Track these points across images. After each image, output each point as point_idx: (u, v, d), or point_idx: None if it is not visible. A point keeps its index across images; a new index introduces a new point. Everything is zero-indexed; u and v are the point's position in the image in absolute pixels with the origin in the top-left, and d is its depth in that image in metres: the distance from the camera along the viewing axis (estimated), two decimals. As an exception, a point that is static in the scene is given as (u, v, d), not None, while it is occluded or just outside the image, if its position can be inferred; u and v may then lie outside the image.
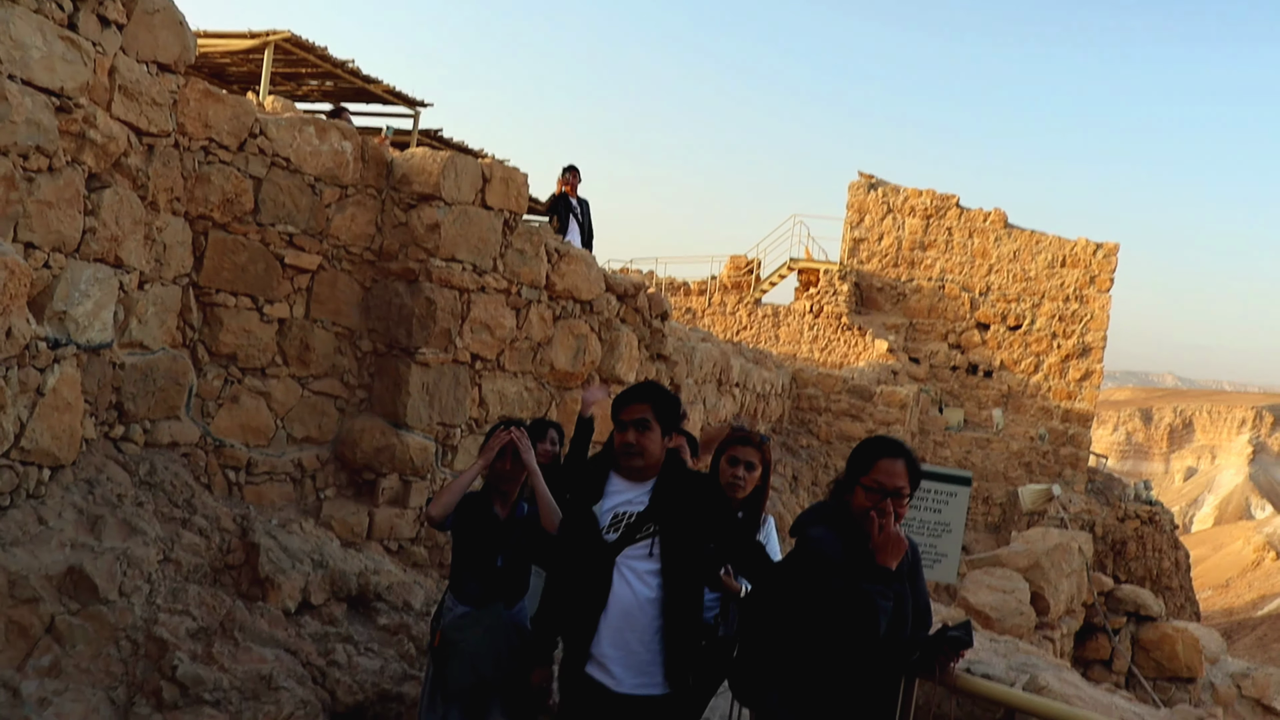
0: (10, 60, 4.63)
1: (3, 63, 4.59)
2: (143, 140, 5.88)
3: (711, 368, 16.65)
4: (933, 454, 25.31)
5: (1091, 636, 8.19)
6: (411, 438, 7.67)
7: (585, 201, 12.08)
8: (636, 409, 3.69)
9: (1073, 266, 27.34)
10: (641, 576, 3.67)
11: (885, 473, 3.37)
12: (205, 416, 6.90)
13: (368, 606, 6.56)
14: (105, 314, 5.67)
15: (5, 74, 4.61)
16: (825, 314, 28.27)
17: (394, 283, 7.70)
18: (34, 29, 4.75)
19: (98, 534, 5.32)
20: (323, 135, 7.28)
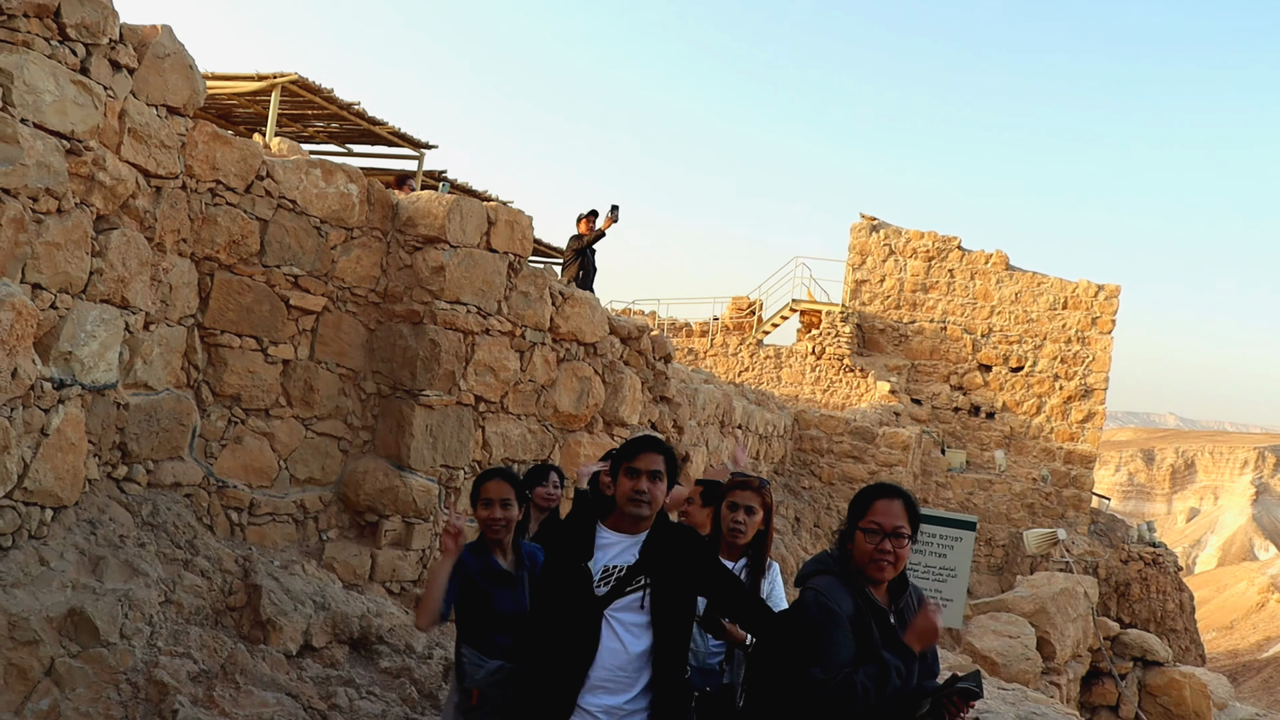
0: (23, 105, 4.67)
1: (15, 107, 4.64)
2: (151, 182, 5.92)
3: (714, 409, 16.65)
4: (935, 495, 25.24)
5: (1098, 681, 8.11)
6: (414, 479, 7.66)
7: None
8: (653, 459, 3.67)
9: (1074, 308, 27.39)
10: (630, 629, 3.66)
11: (883, 513, 3.37)
12: (208, 457, 6.89)
13: (370, 649, 6.53)
14: (111, 354, 5.69)
15: (18, 118, 4.66)
16: (827, 355, 28.29)
17: (399, 325, 7.72)
18: (47, 74, 4.79)
19: (99, 575, 5.30)
20: (329, 177, 7.33)
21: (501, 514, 4.33)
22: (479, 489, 4.38)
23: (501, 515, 4.32)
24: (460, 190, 17.13)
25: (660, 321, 32.58)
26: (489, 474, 4.43)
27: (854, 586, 3.33)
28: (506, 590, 4.28)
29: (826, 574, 3.39)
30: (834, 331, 28.49)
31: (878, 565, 3.33)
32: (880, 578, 3.36)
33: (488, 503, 4.32)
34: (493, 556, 4.35)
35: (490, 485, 4.35)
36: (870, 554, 3.32)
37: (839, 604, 3.27)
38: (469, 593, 4.24)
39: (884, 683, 3.20)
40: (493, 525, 4.33)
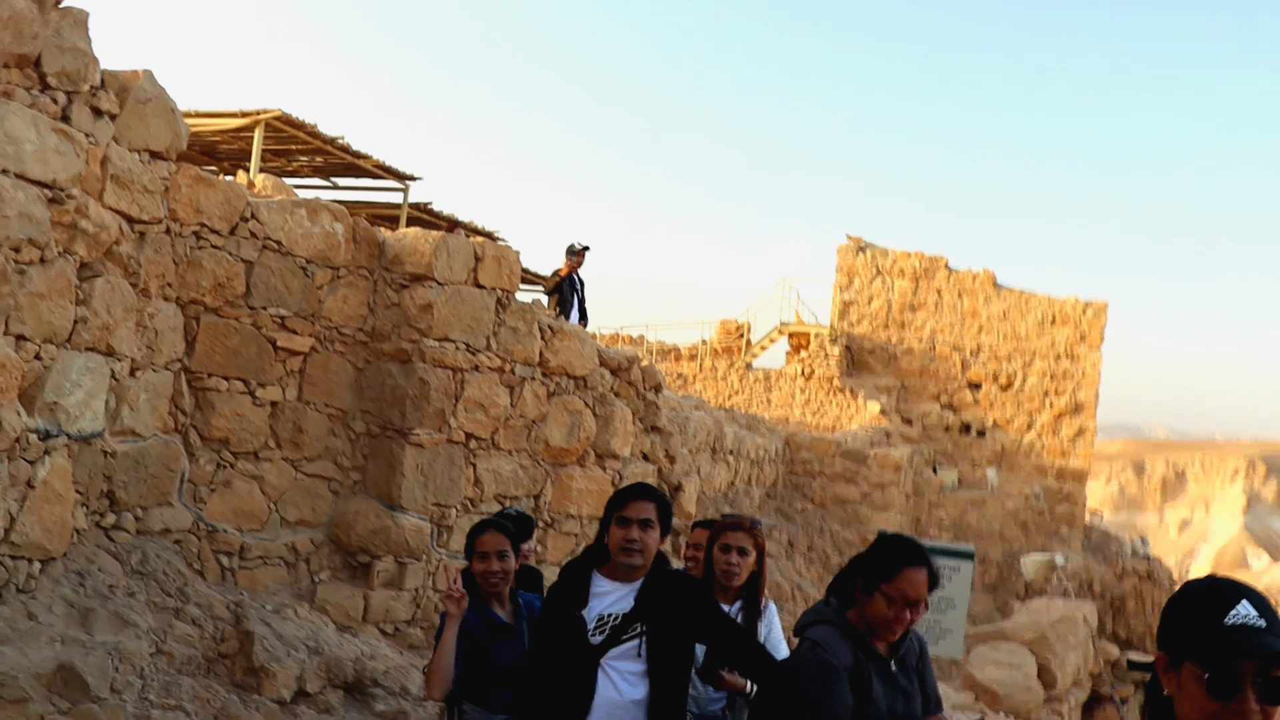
0: (4, 156, 4.64)
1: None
2: (134, 228, 5.89)
3: (705, 436, 16.62)
4: (928, 515, 25.20)
5: (1099, 707, 8.06)
6: (406, 519, 7.60)
7: (582, 280, 12.18)
8: (644, 507, 3.64)
9: (1063, 325, 27.45)
10: (627, 677, 3.62)
11: (910, 583, 3.26)
12: (198, 502, 6.83)
13: (364, 693, 6.46)
14: (96, 403, 5.63)
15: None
16: (817, 377, 28.29)
17: (387, 363, 7.68)
18: (28, 124, 4.77)
19: (89, 628, 5.23)
20: (314, 217, 7.30)
21: (499, 566, 4.25)
22: (473, 542, 4.31)
23: (499, 568, 4.25)
24: (476, 231, 17.12)
25: (648, 345, 32.57)
26: (482, 526, 4.36)
27: (854, 637, 3.28)
28: (507, 643, 4.20)
29: (825, 624, 3.33)
30: (823, 353, 28.50)
31: (891, 630, 3.28)
32: (891, 640, 3.31)
33: (484, 555, 4.25)
34: (491, 609, 4.27)
35: (486, 538, 4.28)
36: (888, 619, 3.26)
37: (837, 656, 3.21)
38: (470, 648, 4.15)
39: None
40: (490, 578, 4.25)
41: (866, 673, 3.23)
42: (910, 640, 3.42)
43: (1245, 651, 1.88)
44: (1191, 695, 1.93)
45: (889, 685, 3.28)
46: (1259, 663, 1.87)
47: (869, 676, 3.23)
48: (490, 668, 4.13)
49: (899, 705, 3.28)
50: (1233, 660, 1.87)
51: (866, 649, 3.27)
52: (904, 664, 3.36)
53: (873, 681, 3.23)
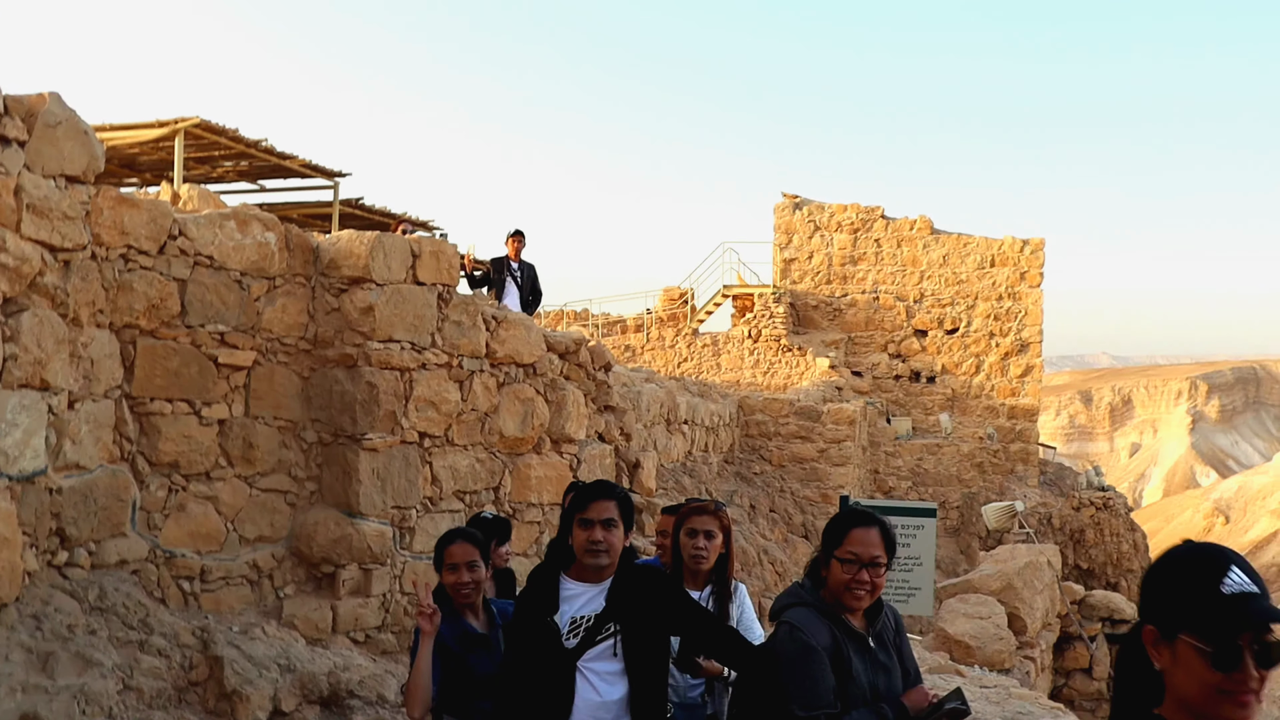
0: (-89, 199, 4.47)
1: (-96, 204, 4.43)
2: (58, 257, 5.71)
3: (659, 409, 16.62)
4: (885, 464, 25.46)
5: (1069, 646, 8.19)
6: (367, 525, 7.51)
7: (530, 265, 12.09)
8: (605, 506, 3.61)
9: (1002, 265, 27.76)
10: (605, 677, 3.61)
11: (859, 542, 3.32)
12: (152, 529, 6.69)
13: (341, 705, 6.40)
14: (36, 440, 5.48)
15: (-93, 214, 4.45)
16: (764, 338, 28.41)
17: (333, 370, 7.56)
18: (-67, 163, 4.59)
19: (50, 672, 5.11)
20: (244, 228, 7.14)
21: (469, 577, 4.20)
22: (442, 553, 4.25)
23: (469, 578, 4.20)
24: (419, 225, 16.94)
25: (593, 319, 32.52)
26: (450, 537, 4.31)
27: (830, 616, 3.29)
28: (483, 653, 4.16)
29: (801, 605, 3.34)
30: (768, 313, 28.62)
31: (854, 595, 3.29)
32: (857, 606, 3.32)
33: (453, 568, 4.19)
34: (465, 621, 4.22)
35: (455, 550, 4.22)
36: (847, 584, 3.28)
37: (815, 637, 3.22)
38: (446, 661, 4.10)
39: None
40: (462, 590, 4.20)
41: (845, 651, 3.24)
42: (886, 615, 3.44)
43: (1248, 621, 1.87)
44: (1191, 668, 1.91)
45: (869, 661, 3.29)
46: (1254, 630, 1.87)
47: (848, 655, 3.24)
48: (468, 680, 4.08)
49: (880, 681, 3.30)
50: (1237, 632, 1.87)
51: (844, 627, 3.28)
52: (882, 640, 3.38)
53: (852, 659, 3.24)
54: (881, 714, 3.18)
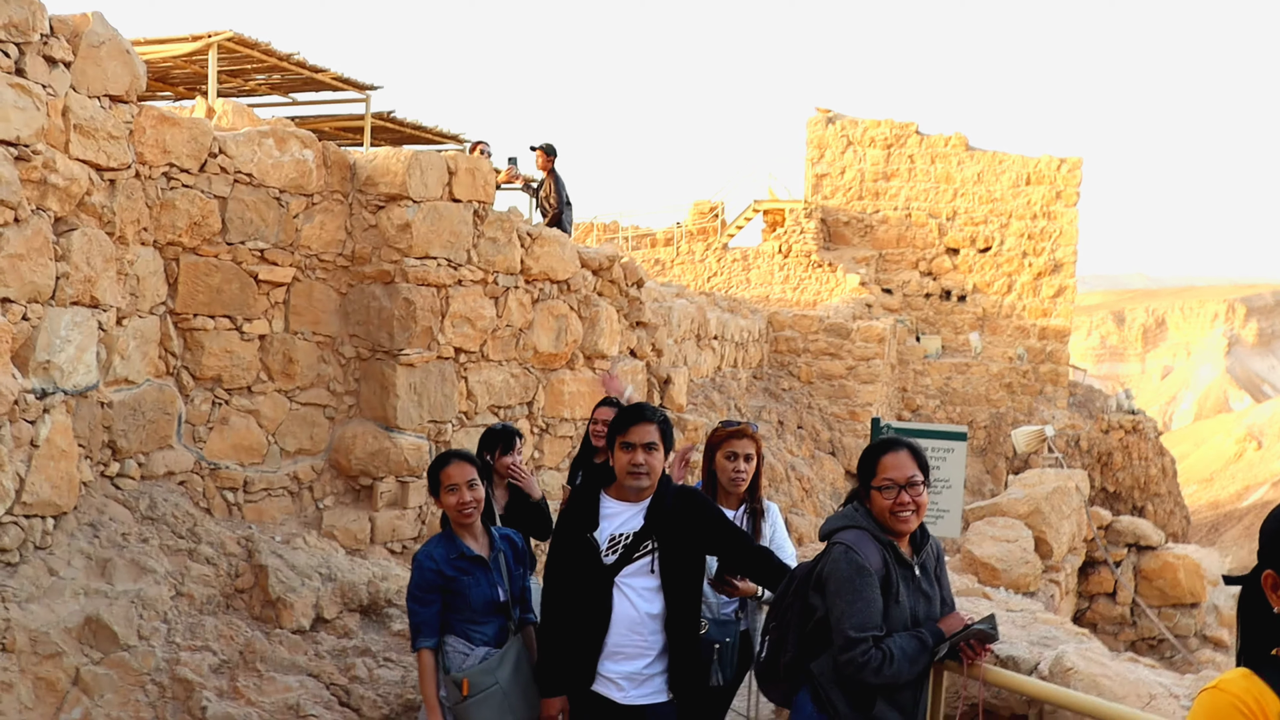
0: (-34, 120, 4.56)
1: (-41, 126, 4.52)
2: (104, 176, 5.81)
3: (689, 325, 16.70)
4: (913, 383, 25.51)
5: (1094, 570, 8.33)
6: (404, 439, 7.68)
7: (553, 176, 12.10)
8: (646, 430, 3.71)
9: (1038, 184, 27.42)
10: (642, 593, 3.74)
11: (892, 467, 3.41)
12: (197, 442, 6.88)
13: (380, 614, 6.61)
14: (88, 356, 5.64)
15: (-37, 136, 4.55)
16: (794, 253, 28.33)
17: (370, 286, 7.67)
18: (-15, 84, 4.67)
19: (109, 578, 5.33)
20: (283, 146, 7.20)
21: (470, 496, 4.17)
22: (439, 475, 4.21)
23: (471, 498, 4.17)
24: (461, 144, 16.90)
25: (623, 233, 32.48)
26: (446, 458, 4.26)
27: (882, 541, 3.40)
28: (481, 575, 4.15)
29: (855, 528, 3.45)
30: (799, 228, 28.50)
31: (899, 518, 3.39)
32: (905, 529, 3.42)
33: (453, 488, 4.16)
34: (462, 543, 4.19)
35: (452, 470, 4.19)
36: (890, 509, 3.38)
37: (868, 559, 3.34)
38: (444, 586, 4.11)
39: (916, 660, 3.29)
40: (464, 510, 4.17)
41: (894, 576, 3.36)
42: (930, 545, 3.55)
43: None
44: None
45: (913, 588, 3.41)
46: None
47: (896, 580, 3.36)
48: (466, 604, 4.10)
49: (921, 607, 3.42)
50: None
51: (894, 553, 3.39)
52: (925, 568, 3.49)
53: (899, 586, 3.36)
54: (922, 639, 3.30)
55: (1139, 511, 18.69)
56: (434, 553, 4.14)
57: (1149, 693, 3.18)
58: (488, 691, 3.99)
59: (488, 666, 4.03)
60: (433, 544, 4.20)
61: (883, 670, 3.25)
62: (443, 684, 4.13)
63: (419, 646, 4.12)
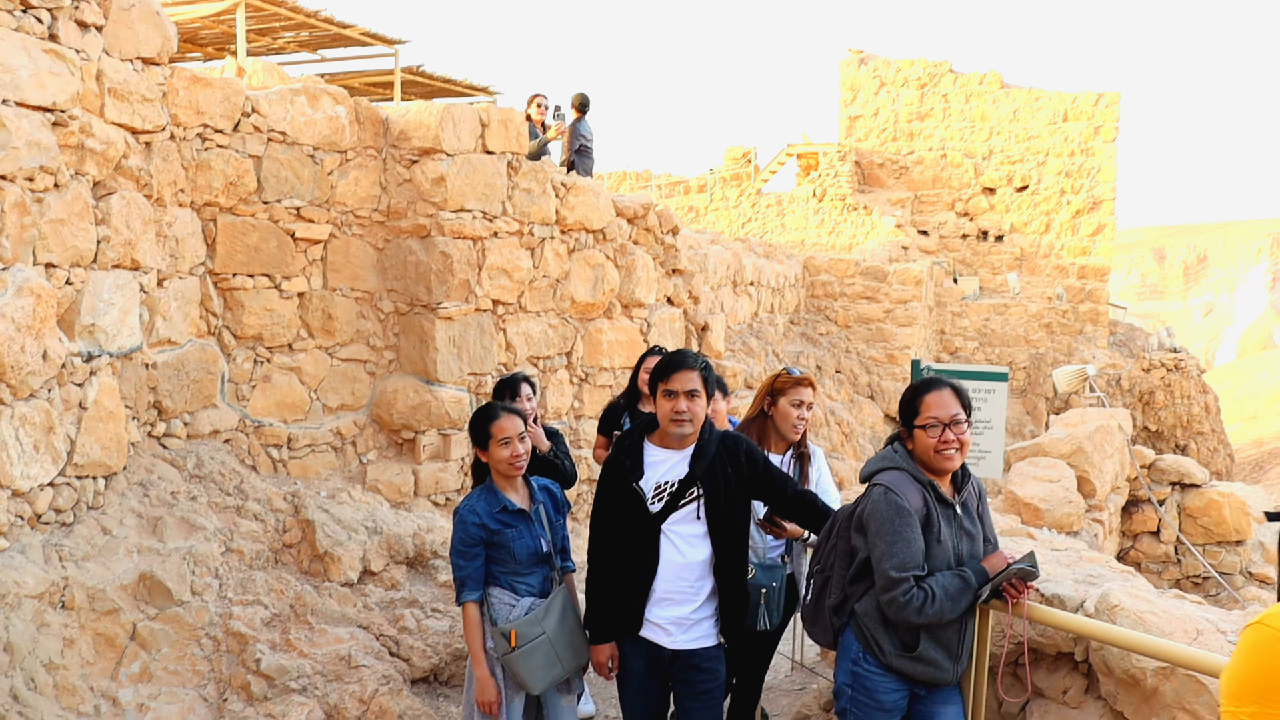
0: (2, 85, 4.58)
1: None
2: (139, 139, 5.84)
3: (725, 271, 16.64)
4: (951, 325, 25.32)
5: (1137, 509, 8.28)
6: (444, 392, 7.73)
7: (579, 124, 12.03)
8: (688, 377, 3.70)
9: (1075, 120, 26.94)
10: (689, 540, 3.75)
11: (935, 406, 3.40)
12: (240, 400, 6.96)
13: (426, 565, 6.69)
14: (131, 318, 5.70)
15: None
16: (829, 197, 28.10)
17: (407, 241, 7.69)
18: (17, 48, 4.68)
19: (160, 536, 5.42)
20: (314, 103, 7.20)
21: (523, 449, 4.16)
22: (490, 428, 4.17)
23: (524, 450, 4.16)
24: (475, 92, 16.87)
25: (655, 180, 32.34)
26: (494, 412, 4.22)
27: (922, 481, 3.40)
28: (524, 527, 4.16)
29: (894, 469, 3.45)
30: (833, 171, 28.25)
31: (944, 456, 3.38)
32: (948, 467, 3.41)
33: (506, 441, 4.13)
34: (503, 495, 4.18)
35: (504, 423, 4.16)
36: (935, 447, 3.37)
37: (908, 499, 3.34)
38: (488, 539, 4.12)
39: (959, 599, 3.29)
40: (516, 463, 4.14)
41: (935, 516, 3.35)
42: (972, 484, 3.54)
43: None
44: None
45: (955, 527, 3.41)
46: None
47: (937, 520, 3.35)
48: (510, 556, 4.12)
49: (964, 546, 3.41)
50: None
51: (935, 493, 3.38)
52: (967, 507, 3.48)
53: (940, 525, 3.35)
54: (964, 578, 3.30)
55: (1182, 450, 18.50)
56: (476, 506, 4.15)
57: (1195, 628, 3.17)
58: (535, 641, 4.02)
59: (534, 617, 4.05)
60: (474, 498, 4.20)
61: (925, 609, 3.26)
62: (489, 635, 4.16)
63: (464, 600, 4.15)
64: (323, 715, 5.03)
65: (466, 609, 4.13)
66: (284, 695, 4.93)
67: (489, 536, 4.10)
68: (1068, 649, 3.63)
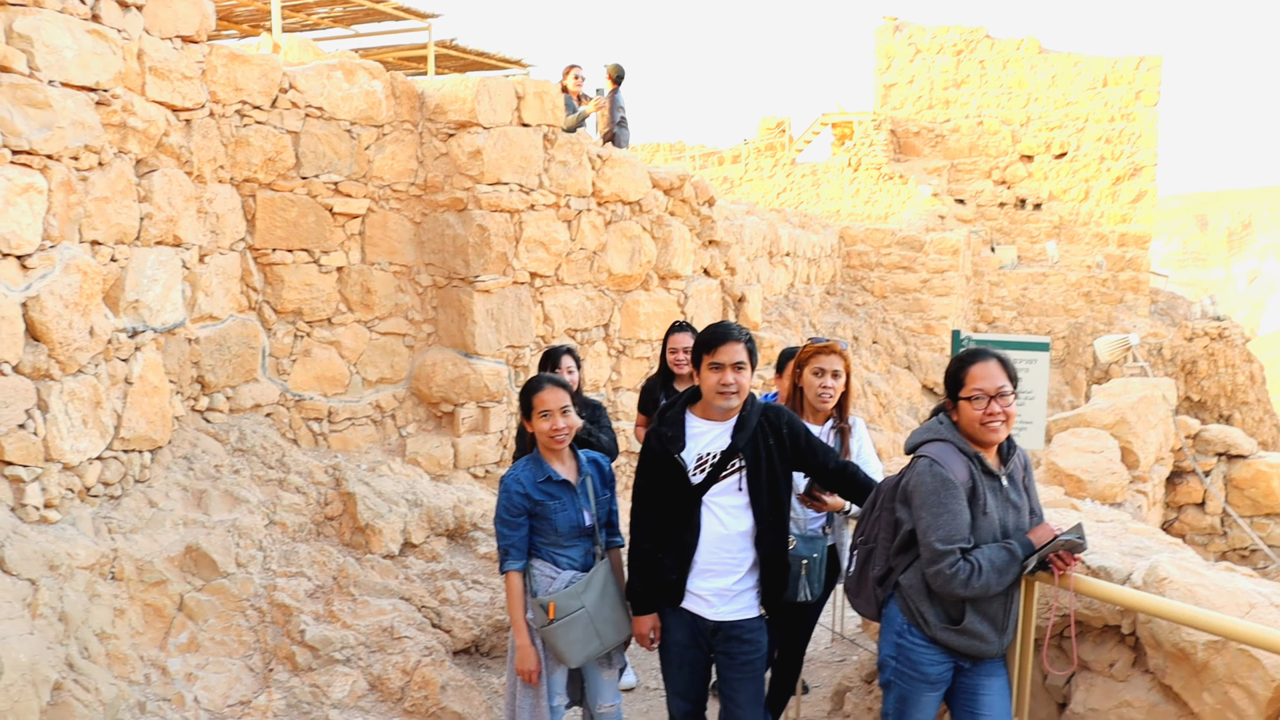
0: (48, 66, 4.62)
1: (41, 70, 4.59)
2: (180, 117, 5.88)
3: (761, 242, 16.58)
4: (989, 294, 25.10)
5: (1182, 480, 8.19)
6: (483, 364, 7.76)
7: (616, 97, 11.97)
8: (734, 349, 3.69)
9: (1116, 85, 26.52)
10: (730, 511, 3.75)
11: (981, 377, 3.37)
12: (281, 374, 7.02)
13: (466, 538, 6.73)
14: (174, 294, 5.76)
15: (45, 80, 4.61)
16: (864, 166, 27.89)
17: (444, 214, 7.70)
18: (62, 29, 4.72)
19: (205, 508, 5.49)
20: (351, 78, 7.22)
21: (564, 423, 4.14)
22: (532, 399, 4.16)
23: (564, 425, 4.14)
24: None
25: (689, 152, 32.19)
26: (538, 384, 4.21)
27: (968, 453, 3.37)
28: (568, 499, 4.15)
29: (940, 441, 3.42)
30: (868, 141, 28.01)
31: (990, 428, 3.35)
32: (994, 439, 3.38)
33: (546, 414, 4.12)
34: (549, 466, 4.17)
35: (546, 396, 4.14)
36: (980, 419, 3.34)
37: (954, 471, 3.32)
38: (531, 510, 4.12)
39: (1005, 571, 3.28)
40: (556, 436, 4.13)
41: (980, 488, 3.33)
42: (1018, 455, 3.51)
43: None
44: None
45: (1001, 499, 3.39)
46: None
47: (983, 491, 3.33)
48: (552, 527, 4.12)
49: (1010, 518, 3.39)
50: None
51: (980, 465, 3.36)
52: (1013, 479, 3.45)
53: (986, 497, 3.33)
54: (1011, 551, 3.28)
55: (1226, 420, 18.26)
56: (521, 476, 4.14)
57: (1248, 602, 3.13)
58: (573, 615, 4.03)
59: (573, 590, 4.06)
60: (520, 467, 4.20)
61: (971, 582, 3.25)
62: (529, 607, 4.18)
63: (507, 569, 4.17)
64: (367, 685, 5.09)
65: (509, 578, 4.15)
66: (328, 666, 5.00)
67: (532, 506, 4.11)
68: (1114, 621, 3.60)
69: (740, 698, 3.83)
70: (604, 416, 5.58)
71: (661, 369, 5.95)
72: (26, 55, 4.53)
